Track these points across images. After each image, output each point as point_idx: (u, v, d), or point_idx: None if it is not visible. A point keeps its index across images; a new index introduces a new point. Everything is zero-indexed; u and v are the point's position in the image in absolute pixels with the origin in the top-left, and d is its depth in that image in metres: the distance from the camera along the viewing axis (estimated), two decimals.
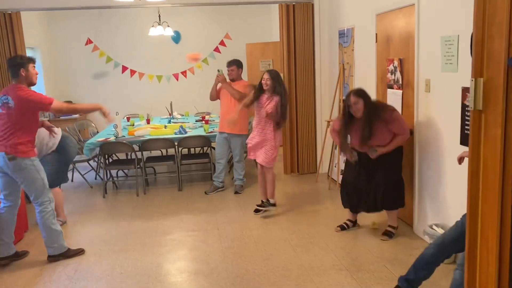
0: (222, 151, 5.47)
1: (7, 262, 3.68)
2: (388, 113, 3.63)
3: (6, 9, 5.29)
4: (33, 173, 3.55)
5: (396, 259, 3.49)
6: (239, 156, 5.48)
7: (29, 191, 3.62)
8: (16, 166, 3.47)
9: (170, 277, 3.40)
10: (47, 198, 3.67)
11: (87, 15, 8.16)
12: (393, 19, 4.13)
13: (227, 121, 4.85)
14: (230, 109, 5.24)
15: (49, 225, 3.66)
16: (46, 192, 3.66)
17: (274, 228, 4.28)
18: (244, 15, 8.63)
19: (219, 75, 5.24)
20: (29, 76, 3.56)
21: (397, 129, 3.63)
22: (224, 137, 5.40)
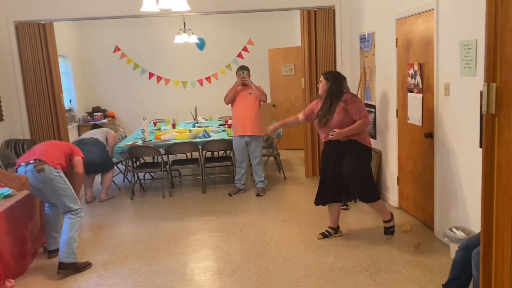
0: (243, 155, 5.59)
1: (56, 255, 3.85)
2: (349, 95, 3.86)
3: (40, 20, 5.57)
4: (61, 181, 3.65)
5: (416, 261, 3.53)
6: (259, 158, 5.59)
7: (58, 201, 3.69)
8: (45, 177, 3.58)
9: (195, 276, 3.53)
10: (78, 205, 3.76)
11: (115, 24, 8.45)
12: (413, 24, 4.17)
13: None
14: (251, 112, 5.37)
15: (74, 229, 3.67)
16: (76, 200, 3.75)
17: (295, 230, 4.36)
18: (266, 21, 8.76)
19: (243, 77, 5.38)
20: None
21: (355, 111, 3.77)
22: (245, 140, 5.50)
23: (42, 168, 3.57)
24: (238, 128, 5.49)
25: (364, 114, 3.81)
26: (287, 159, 7.53)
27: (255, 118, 5.42)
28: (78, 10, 5.66)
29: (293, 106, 8.31)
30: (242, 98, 5.44)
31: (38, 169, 3.56)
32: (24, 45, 5.57)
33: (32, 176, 3.56)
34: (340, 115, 3.80)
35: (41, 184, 3.62)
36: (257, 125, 5.42)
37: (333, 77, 3.91)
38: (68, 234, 3.65)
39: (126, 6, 5.66)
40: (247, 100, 5.41)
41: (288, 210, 4.98)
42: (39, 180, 3.59)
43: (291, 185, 6.04)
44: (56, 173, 3.64)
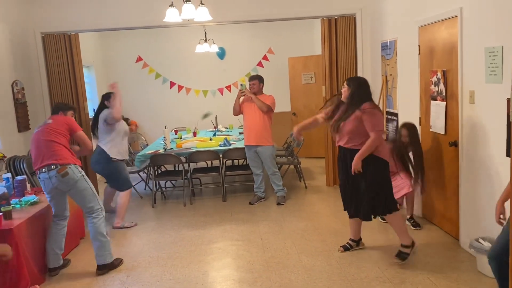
0: (256, 164, 5.61)
1: (57, 272, 3.86)
2: (369, 105, 3.61)
3: (66, 31, 5.72)
4: (83, 182, 3.73)
5: (440, 272, 3.45)
6: (272, 169, 5.59)
7: (80, 201, 3.79)
8: (71, 180, 3.65)
9: (216, 285, 3.53)
10: (99, 206, 3.84)
11: (137, 34, 8.60)
12: (436, 31, 4.12)
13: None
14: (257, 122, 5.41)
15: (102, 231, 3.79)
16: (98, 200, 3.84)
17: (317, 240, 4.33)
18: (286, 29, 8.78)
19: (241, 90, 5.46)
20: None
21: (370, 123, 3.53)
22: (254, 150, 5.53)
23: (66, 172, 3.64)
24: (245, 138, 5.59)
25: (378, 129, 3.56)
26: (307, 167, 7.49)
27: (260, 129, 5.44)
28: (102, 21, 5.79)
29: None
30: (249, 109, 5.49)
31: (62, 174, 3.62)
32: (50, 55, 5.72)
33: (57, 181, 3.63)
34: (353, 123, 3.59)
35: (68, 187, 3.69)
36: (262, 135, 5.43)
37: (354, 83, 3.72)
38: (100, 238, 3.78)
39: (148, 17, 5.76)
40: (252, 110, 5.45)
41: (309, 219, 4.95)
42: (65, 184, 3.66)
43: (312, 194, 6.00)
44: (79, 173, 3.72)
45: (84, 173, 3.82)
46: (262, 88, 5.58)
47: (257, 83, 5.51)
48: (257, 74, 5.67)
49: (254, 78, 5.55)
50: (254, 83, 5.51)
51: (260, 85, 5.53)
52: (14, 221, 3.49)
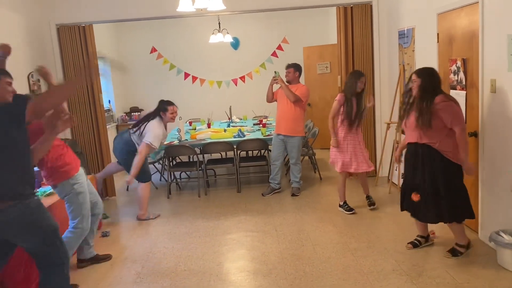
0: (278, 152, 5.54)
1: (87, 264, 3.86)
2: (443, 97, 3.35)
3: (80, 23, 5.73)
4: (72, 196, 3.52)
5: (459, 266, 3.38)
6: (296, 159, 5.53)
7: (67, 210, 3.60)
8: (60, 193, 3.55)
9: (231, 276, 3.52)
10: (81, 225, 3.56)
11: (151, 25, 8.59)
12: (456, 18, 4.00)
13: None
14: (287, 112, 5.33)
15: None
16: (81, 219, 3.56)
17: (332, 231, 4.28)
18: (301, 19, 8.68)
19: (274, 77, 5.34)
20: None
21: (448, 116, 3.28)
22: (281, 138, 5.47)
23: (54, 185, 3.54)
24: (276, 126, 5.52)
25: (460, 125, 3.31)
26: (322, 158, 7.43)
27: (291, 119, 5.37)
28: (116, 12, 5.78)
29: (328, 105, 8.14)
30: (282, 98, 5.42)
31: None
32: (65, 47, 5.73)
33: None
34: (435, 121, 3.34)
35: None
36: (292, 125, 5.38)
37: (424, 74, 3.44)
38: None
39: (162, 7, 5.73)
40: (285, 99, 5.37)
41: (324, 211, 4.90)
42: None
43: (326, 185, 5.94)
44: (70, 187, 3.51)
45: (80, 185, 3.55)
46: (298, 76, 5.48)
47: (292, 71, 5.42)
48: (294, 63, 5.53)
49: (290, 66, 5.46)
50: (289, 71, 5.43)
51: (296, 74, 5.43)
52: None
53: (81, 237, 3.61)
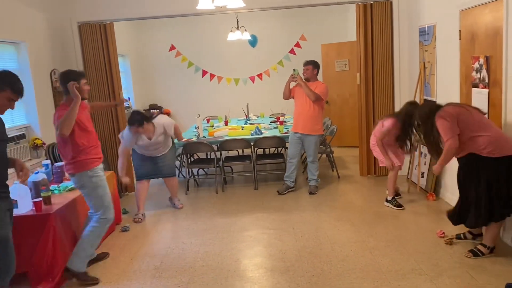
0: (295, 150, 5.53)
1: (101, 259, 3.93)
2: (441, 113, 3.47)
3: (101, 20, 5.81)
4: (91, 189, 3.54)
5: (480, 266, 3.33)
6: (313, 157, 5.51)
7: (88, 204, 3.65)
8: (75, 182, 3.57)
9: (248, 272, 3.54)
10: (105, 216, 3.60)
11: (170, 23, 8.66)
12: (479, 15, 3.93)
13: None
14: (305, 110, 5.31)
15: (87, 240, 3.59)
16: (105, 210, 3.59)
17: (350, 230, 4.26)
18: (319, 16, 8.63)
19: (293, 75, 5.31)
20: (80, 91, 3.39)
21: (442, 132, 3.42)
22: (298, 136, 5.46)
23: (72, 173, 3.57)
24: (294, 124, 5.50)
25: (446, 137, 3.39)
26: (340, 156, 7.39)
27: (309, 117, 5.34)
28: (136, 10, 5.84)
29: (346, 103, 8.15)
30: (300, 95, 5.39)
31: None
32: (86, 44, 5.82)
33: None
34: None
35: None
36: (310, 124, 5.35)
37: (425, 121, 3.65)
38: (82, 242, 3.58)
39: (182, 5, 5.77)
40: (303, 97, 5.34)
41: (342, 209, 4.88)
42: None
43: (344, 184, 5.91)
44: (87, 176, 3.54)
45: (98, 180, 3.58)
46: (317, 74, 5.44)
47: (311, 69, 5.37)
48: (312, 60, 5.49)
49: (308, 63, 5.41)
50: (308, 68, 5.38)
51: (314, 71, 5.39)
52: (53, 206, 3.60)
53: (106, 227, 3.68)
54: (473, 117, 3.43)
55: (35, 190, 3.68)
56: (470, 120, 3.40)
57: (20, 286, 3.45)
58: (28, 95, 4.99)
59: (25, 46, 4.92)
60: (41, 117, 5.11)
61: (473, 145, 3.36)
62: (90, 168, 3.53)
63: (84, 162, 3.50)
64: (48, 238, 3.41)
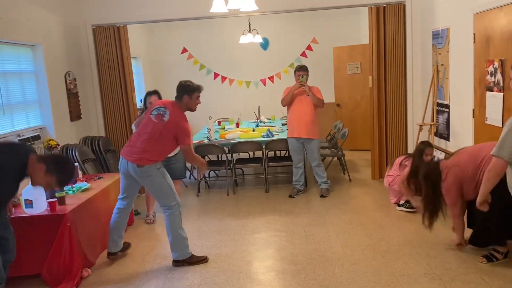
0: (299, 155, 5.55)
1: (115, 258, 3.96)
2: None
3: (115, 23, 5.87)
4: (159, 178, 3.66)
5: (494, 272, 3.29)
6: (318, 160, 5.52)
7: (156, 196, 3.77)
8: (143, 172, 3.61)
9: (260, 275, 3.54)
10: (175, 201, 3.75)
11: (182, 26, 8.72)
12: (494, 18, 3.90)
13: None
14: (307, 114, 5.35)
15: (176, 230, 3.75)
16: (173, 196, 3.75)
17: (361, 234, 4.24)
18: (331, 19, 8.62)
19: (301, 82, 5.30)
20: (190, 103, 3.81)
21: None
22: (301, 142, 5.46)
23: (142, 165, 3.64)
24: (293, 130, 5.47)
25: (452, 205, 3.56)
26: (352, 160, 7.36)
27: (311, 121, 5.38)
28: (150, 13, 5.90)
29: (358, 106, 8.12)
30: (299, 100, 5.40)
31: (138, 165, 3.62)
32: (100, 47, 5.89)
33: (133, 169, 3.66)
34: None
35: (140, 178, 3.69)
36: (313, 127, 5.39)
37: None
38: (172, 234, 3.75)
39: (195, 8, 5.81)
40: (304, 102, 5.36)
41: (353, 213, 4.86)
42: (138, 174, 3.67)
43: (356, 187, 5.89)
44: (156, 169, 3.65)
45: (163, 169, 3.74)
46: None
47: (307, 74, 5.41)
48: (303, 64, 5.55)
49: (305, 69, 5.41)
50: (304, 74, 5.38)
51: (308, 75, 5.46)
52: (67, 207, 3.64)
53: (180, 212, 3.79)
54: (467, 167, 3.40)
55: (49, 191, 3.72)
56: (467, 173, 3.40)
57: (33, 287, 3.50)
58: (43, 97, 5.08)
59: (41, 49, 5.00)
60: (56, 119, 5.18)
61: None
62: (158, 161, 3.68)
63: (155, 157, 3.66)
64: (63, 238, 3.45)
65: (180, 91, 3.79)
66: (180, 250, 3.78)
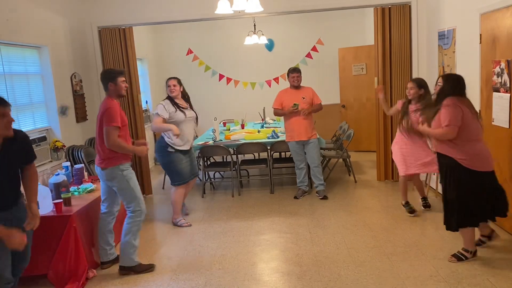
0: (300, 157, 5.55)
1: (109, 266, 3.85)
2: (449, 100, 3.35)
3: (120, 25, 5.89)
4: (123, 182, 3.60)
5: (501, 274, 3.27)
6: (317, 161, 5.53)
7: (121, 199, 3.73)
8: (107, 175, 3.60)
9: (264, 276, 3.53)
10: (139, 208, 3.67)
11: (188, 28, 8.73)
12: (500, 18, 3.87)
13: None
14: (304, 118, 5.34)
15: (129, 235, 3.66)
16: (138, 202, 3.67)
17: (367, 235, 4.23)
18: (337, 20, 8.60)
19: (295, 109, 5.31)
20: (117, 89, 3.62)
21: (442, 117, 3.31)
22: (301, 144, 5.47)
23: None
24: (293, 134, 5.46)
25: (448, 123, 3.27)
26: (357, 161, 7.34)
27: (309, 124, 5.43)
28: (155, 15, 5.92)
29: (363, 107, 8.09)
30: (295, 102, 5.38)
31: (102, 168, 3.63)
32: (106, 48, 5.91)
33: (101, 175, 3.67)
34: (436, 124, 3.42)
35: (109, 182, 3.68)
36: (310, 129, 5.43)
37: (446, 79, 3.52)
38: (123, 239, 3.68)
39: (200, 10, 5.82)
40: (301, 106, 5.35)
41: (359, 214, 4.84)
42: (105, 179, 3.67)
43: (362, 189, 5.87)
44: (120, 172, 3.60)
45: (128, 173, 3.66)
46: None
47: (300, 76, 5.44)
48: (295, 67, 5.60)
49: (297, 71, 5.45)
50: (299, 75, 5.43)
51: (300, 77, 5.48)
52: (73, 208, 3.66)
53: (141, 219, 3.71)
54: (475, 124, 3.36)
55: (55, 192, 3.75)
56: (472, 126, 3.34)
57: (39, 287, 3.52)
58: (49, 98, 5.11)
59: (47, 50, 5.03)
60: (62, 120, 5.21)
61: (456, 149, 3.33)
62: (121, 163, 3.61)
63: (117, 158, 3.59)
64: (69, 239, 3.46)
65: (105, 81, 3.64)
66: (125, 256, 3.68)
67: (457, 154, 3.33)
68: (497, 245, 3.77)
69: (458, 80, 3.46)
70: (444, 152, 3.41)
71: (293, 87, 5.48)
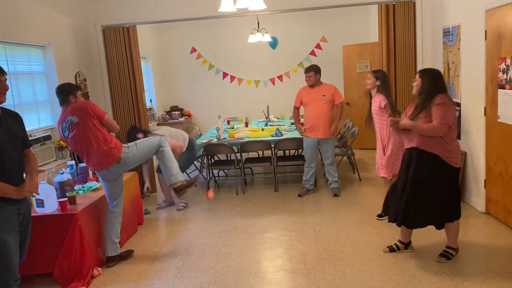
0: (313, 155, 5.53)
1: (115, 263, 3.90)
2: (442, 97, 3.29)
3: (124, 24, 5.90)
4: (134, 148, 3.80)
5: (507, 272, 3.25)
6: (331, 159, 5.50)
7: (148, 151, 3.88)
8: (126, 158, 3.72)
9: (269, 274, 3.53)
10: (162, 138, 3.94)
11: (191, 26, 8.73)
12: (506, 15, 3.84)
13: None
14: (324, 115, 5.35)
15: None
16: (157, 137, 3.95)
17: (372, 233, 4.22)
18: (341, 17, 8.58)
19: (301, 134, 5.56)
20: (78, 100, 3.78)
21: (435, 114, 3.25)
22: (316, 141, 5.45)
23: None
24: (310, 129, 5.45)
25: (441, 121, 3.22)
26: (361, 159, 7.32)
27: (327, 121, 5.37)
28: (159, 13, 5.92)
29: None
30: (315, 100, 5.38)
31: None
32: (110, 47, 5.92)
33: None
34: (424, 120, 3.30)
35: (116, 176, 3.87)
36: (328, 127, 5.39)
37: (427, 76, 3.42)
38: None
39: (204, 8, 5.81)
40: (319, 102, 5.34)
41: (363, 212, 4.83)
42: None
43: (366, 186, 5.85)
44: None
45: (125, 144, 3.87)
46: (320, 78, 5.46)
47: (313, 75, 5.38)
48: (313, 65, 5.50)
49: (309, 70, 5.39)
50: (310, 75, 5.37)
51: (317, 76, 5.40)
52: (78, 206, 3.67)
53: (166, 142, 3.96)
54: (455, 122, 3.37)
55: (60, 190, 3.76)
56: (456, 125, 3.39)
57: (43, 286, 3.53)
58: (54, 97, 5.11)
59: (51, 49, 5.03)
60: None
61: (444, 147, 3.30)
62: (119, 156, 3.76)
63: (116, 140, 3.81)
64: (74, 237, 3.48)
65: (66, 95, 3.73)
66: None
67: (444, 152, 3.30)
68: (500, 242, 3.75)
69: (440, 76, 3.46)
70: (429, 150, 3.31)
71: (310, 86, 5.45)
